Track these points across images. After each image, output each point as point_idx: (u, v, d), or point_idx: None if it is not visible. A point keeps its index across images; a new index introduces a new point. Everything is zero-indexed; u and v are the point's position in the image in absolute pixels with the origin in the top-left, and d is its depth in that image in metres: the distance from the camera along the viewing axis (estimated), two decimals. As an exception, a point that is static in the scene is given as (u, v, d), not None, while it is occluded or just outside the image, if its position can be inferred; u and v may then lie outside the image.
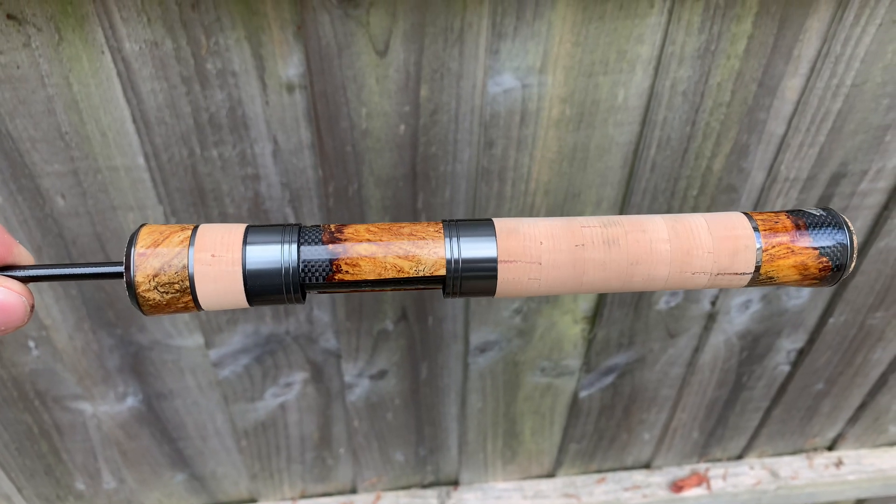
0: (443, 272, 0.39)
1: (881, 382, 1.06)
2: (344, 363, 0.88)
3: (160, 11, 0.54)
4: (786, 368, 1.01)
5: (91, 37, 0.54)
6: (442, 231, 0.39)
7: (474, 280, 0.39)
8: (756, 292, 0.88)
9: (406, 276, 0.39)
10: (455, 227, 0.39)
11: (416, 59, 0.60)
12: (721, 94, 0.66)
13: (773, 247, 0.40)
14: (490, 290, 0.40)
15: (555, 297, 0.85)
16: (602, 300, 0.86)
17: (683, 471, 1.16)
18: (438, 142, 0.66)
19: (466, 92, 0.62)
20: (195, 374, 0.85)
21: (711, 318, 0.91)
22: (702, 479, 1.15)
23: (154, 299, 0.37)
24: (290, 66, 0.59)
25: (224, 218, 0.69)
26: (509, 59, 0.60)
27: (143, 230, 0.38)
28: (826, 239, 0.40)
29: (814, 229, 0.40)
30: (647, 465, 1.16)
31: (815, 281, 0.41)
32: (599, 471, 1.15)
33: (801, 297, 0.90)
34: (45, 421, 0.87)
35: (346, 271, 0.38)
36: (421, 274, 0.39)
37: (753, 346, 0.96)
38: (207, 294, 0.37)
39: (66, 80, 0.57)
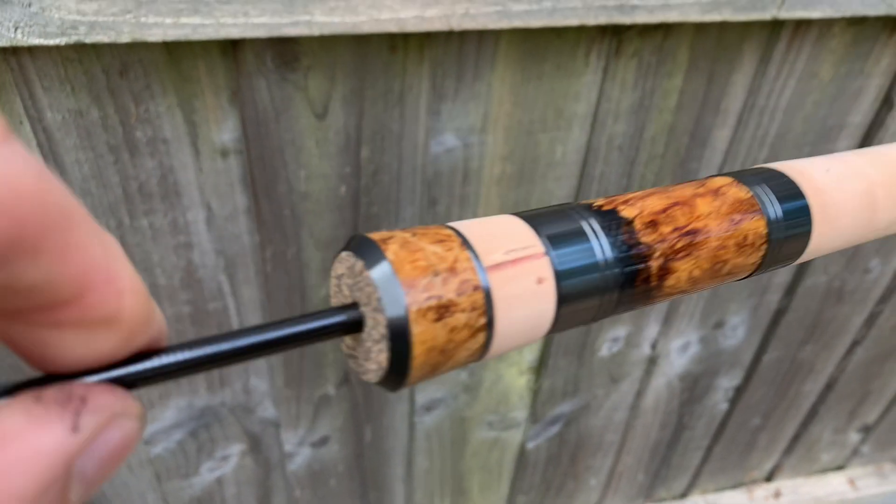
0: (765, 236, 0.30)
1: (812, 413, 1.09)
2: (283, 432, 0.85)
3: (85, 80, 0.51)
4: (724, 406, 1.03)
5: (8, 107, 0.51)
6: (745, 190, 0.30)
7: (793, 240, 0.31)
8: (694, 334, 0.90)
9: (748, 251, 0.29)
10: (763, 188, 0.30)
11: (356, 121, 0.59)
12: (655, 147, 0.67)
13: None
14: (800, 252, 0.32)
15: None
16: (547, 350, 0.85)
17: (630, 514, 1.16)
18: (381, 202, 0.65)
19: (408, 152, 0.62)
20: (124, 454, 0.80)
21: (652, 361, 0.92)
22: (649, 521, 1.15)
23: (435, 352, 0.23)
24: (224, 132, 0.57)
25: (154, 290, 0.65)
26: (450, 120, 0.60)
27: (390, 245, 0.22)
28: None
29: None
30: (594, 511, 1.16)
31: None
32: (548, 521, 1.14)
33: (735, 337, 0.92)
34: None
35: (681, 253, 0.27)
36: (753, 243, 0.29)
37: (693, 387, 0.98)
38: (510, 324, 0.24)
39: (-20, 153, 0.53)
